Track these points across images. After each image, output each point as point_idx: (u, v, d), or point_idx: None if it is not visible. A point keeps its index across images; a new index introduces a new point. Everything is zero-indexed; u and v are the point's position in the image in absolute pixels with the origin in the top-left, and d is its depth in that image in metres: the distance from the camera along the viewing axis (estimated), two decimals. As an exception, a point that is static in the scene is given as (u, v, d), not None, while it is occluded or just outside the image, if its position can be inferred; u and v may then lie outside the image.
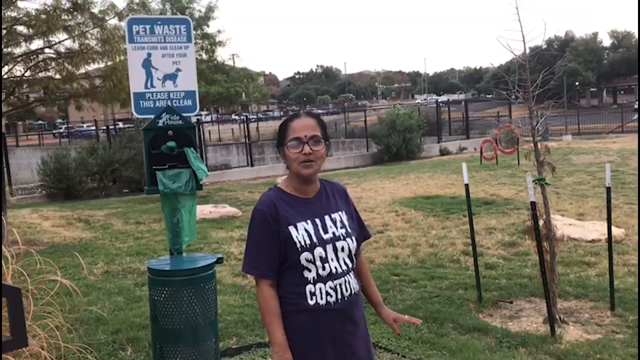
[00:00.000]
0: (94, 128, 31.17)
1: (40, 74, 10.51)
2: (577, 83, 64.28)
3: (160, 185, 3.63)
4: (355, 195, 11.77)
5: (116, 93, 10.47)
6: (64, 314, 3.96)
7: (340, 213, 2.33)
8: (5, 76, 9.71)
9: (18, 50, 10.14)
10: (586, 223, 8.07)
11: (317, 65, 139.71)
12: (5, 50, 9.54)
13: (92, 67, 11.05)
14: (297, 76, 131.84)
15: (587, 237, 7.29)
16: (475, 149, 21.84)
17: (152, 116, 3.76)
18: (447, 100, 34.74)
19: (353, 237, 2.31)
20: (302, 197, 2.29)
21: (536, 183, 4.68)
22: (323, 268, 2.21)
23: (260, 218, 2.23)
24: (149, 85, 3.80)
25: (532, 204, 4.50)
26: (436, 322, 4.83)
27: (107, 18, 10.02)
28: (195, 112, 3.99)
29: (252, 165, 20.81)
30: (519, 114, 25.58)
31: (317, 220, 2.25)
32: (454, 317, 4.90)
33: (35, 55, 10.14)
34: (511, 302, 5.29)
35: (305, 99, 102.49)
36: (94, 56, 9.93)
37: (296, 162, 2.21)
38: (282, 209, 2.22)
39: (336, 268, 2.23)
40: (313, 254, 2.20)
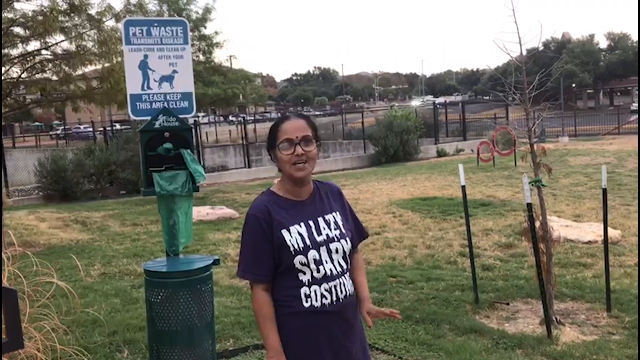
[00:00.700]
0: (91, 129, 31.12)
1: (37, 76, 10.51)
2: (573, 85, 64.44)
3: (157, 187, 3.63)
4: (353, 197, 11.78)
5: (113, 94, 10.48)
6: (60, 315, 3.96)
7: (334, 214, 2.32)
8: (2, 77, 9.69)
9: (15, 52, 10.13)
10: (582, 224, 8.09)
11: (315, 67, 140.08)
12: (2, 51, 9.52)
13: (89, 69, 11.07)
14: (294, 78, 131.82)
15: (583, 239, 7.31)
16: (472, 150, 21.86)
17: (148, 118, 3.76)
18: (444, 101, 34.74)
19: (347, 238, 2.29)
20: (295, 199, 2.27)
21: (533, 184, 4.69)
22: (317, 270, 2.20)
23: (253, 222, 2.22)
24: (145, 87, 3.80)
25: (529, 205, 4.51)
26: (433, 324, 4.83)
27: (104, 20, 10.02)
28: (192, 113, 4.00)
29: (249, 167, 20.78)
30: (515, 115, 25.68)
31: (311, 223, 2.24)
32: (451, 319, 4.91)
33: (32, 57, 10.14)
34: (508, 304, 5.30)
35: (302, 101, 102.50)
36: (91, 58, 9.94)
37: (288, 163, 2.20)
38: (275, 213, 2.21)
39: (331, 270, 2.22)
40: (307, 257, 2.19)
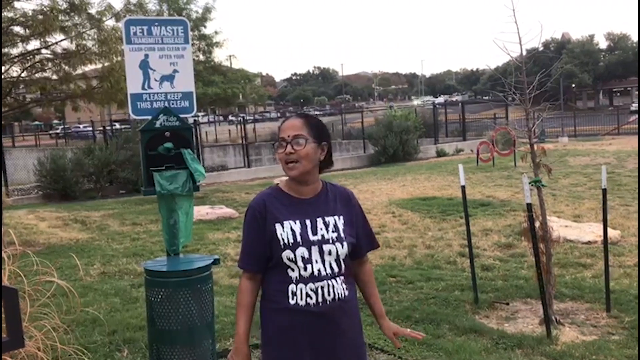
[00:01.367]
0: (91, 129, 31.11)
1: (37, 75, 10.51)
2: (573, 85, 64.46)
3: (157, 187, 3.63)
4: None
5: (113, 94, 10.49)
6: (61, 315, 3.96)
7: (336, 217, 2.29)
8: (2, 77, 9.69)
9: (15, 51, 10.13)
10: (582, 225, 8.09)
11: (314, 67, 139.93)
12: (2, 50, 9.52)
13: (89, 68, 11.07)
14: (294, 77, 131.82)
15: (583, 239, 7.31)
16: (471, 150, 21.86)
17: (149, 117, 3.76)
18: (444, 101, 34.76)
19: (345, 243, 2.25)
20: (297, 197, 2.28)
21: (532, 185, 4.69)
22: (305, 269, 2.19)
23: (249, 214, 2.28)
24: (146, 87, 3.80)
25: (529, 205, 4.51)
26: (432, 324, 4.84)
27: (104, 19, 10.03)
28: (193, 113, 4.00)
29: (249, 167, 20.78)
30: (515, 115, 25.67)
31: (308, 221, 2.24)
32: (450, 319, 4.91)
33: (32, 56, 10.14)
34: (507, 304, 5.30)
35: (302, 100, 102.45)
36: (91, 57, 9.94)
37: (282, 162, 2.24)
38: (271, 206, 2.24)
39: (319, 270, 2.20)
40: (295, 253, 2.19)
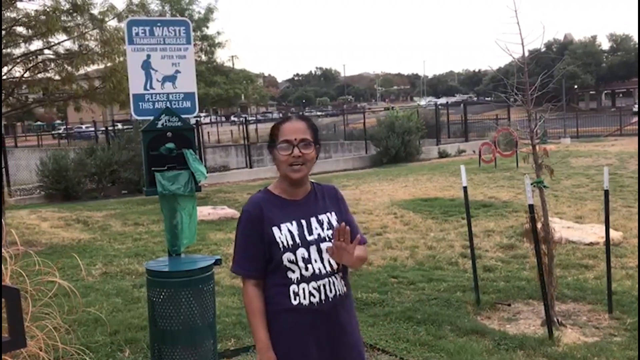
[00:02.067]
0: (93, 129, 31.12)
1: (40, 75, 10.53)
2: (575, 86, 64.38)
3: (159, 187, 3.64)
4: (354, 198, 11.78)
5: (115, 94, 10.50)
6: (62, 315, 3.96)
7: (328, 214, 2.33)
8: (4, 77, 9.72)
9: (17, 51, 10.16)
10: (584, 226, 8.08)
11: (316, 67, 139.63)
12: (4, 51, 9.55)
13: (92, 69, 11.08)
14: (296, 78, 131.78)
15: (585, 240, 7.30)
16: (474, 151, 21.83)
17: (151, 118, 3.76)
18: (446, 102, 34.71)
19: None
20: (289, 199, 2.31)
21: (534, 186, 4.69)
22: (306, 269, 2.23)
23: (245, 218, 2.28)
24: (148, 87, 3.80)
25: (531, 206, 4.51)
26: (434, 325, 4.84)
27: (106, 19, 10.04)
28: (195, 113, 4.00)
29: (250, 167, 20.78)
30: (517, 116, 25.64)
31: (303, 222, 2.27)
32: (452, 320, 4.91)
33: (34, 56, 10.16)
34: (509, 305, 5.30)
35: (304, 101, 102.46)
36: (94, 57, 9.95)
37: (285, 164, 2.24)
38: (267, 210, 2.26)
39: (320, 269, 2.24)
40: (295, 255, 2.22)
